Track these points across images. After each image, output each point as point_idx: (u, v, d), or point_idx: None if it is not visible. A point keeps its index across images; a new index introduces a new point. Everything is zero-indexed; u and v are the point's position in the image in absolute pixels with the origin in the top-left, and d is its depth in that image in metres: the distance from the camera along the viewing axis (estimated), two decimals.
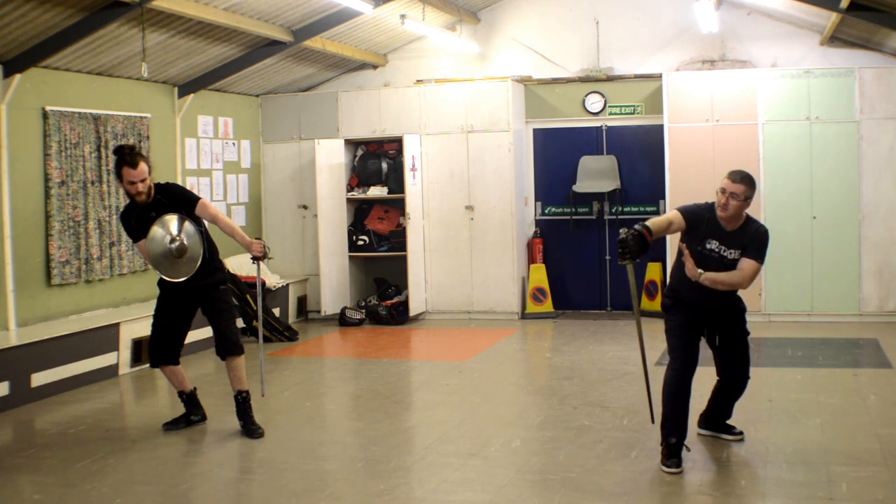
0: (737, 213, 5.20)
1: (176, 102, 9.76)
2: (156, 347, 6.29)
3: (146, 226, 6.00)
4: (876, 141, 9.65)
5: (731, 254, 5.21)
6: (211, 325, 6.27)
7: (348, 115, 11.03)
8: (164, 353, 6.27)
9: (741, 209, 5.20)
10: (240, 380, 6.19)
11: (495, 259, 10.60)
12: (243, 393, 6.19)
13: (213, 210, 6.11)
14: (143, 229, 6.03)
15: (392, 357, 8.82)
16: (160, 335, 6.27)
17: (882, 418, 6.10)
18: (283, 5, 8.79)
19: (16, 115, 7.76)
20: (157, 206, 6.01)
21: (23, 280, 7.82)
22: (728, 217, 5.21)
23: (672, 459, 5.11)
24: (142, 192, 5.92)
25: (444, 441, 5.88)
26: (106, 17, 7.34)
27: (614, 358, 8.30)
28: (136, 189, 5.91)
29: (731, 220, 5.22)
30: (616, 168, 10.78)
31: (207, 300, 6.20)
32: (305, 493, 4.99)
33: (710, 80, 10.05)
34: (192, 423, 6.37)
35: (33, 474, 5.48)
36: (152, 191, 6.01)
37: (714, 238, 5.24)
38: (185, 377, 6.41)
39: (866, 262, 9.71)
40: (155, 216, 5.98)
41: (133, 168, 5.86)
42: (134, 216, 6.09)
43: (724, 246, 5.22)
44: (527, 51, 11.18)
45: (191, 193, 6.16)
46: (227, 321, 6.23)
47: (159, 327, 6.28)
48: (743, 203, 5.18)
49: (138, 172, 5.87)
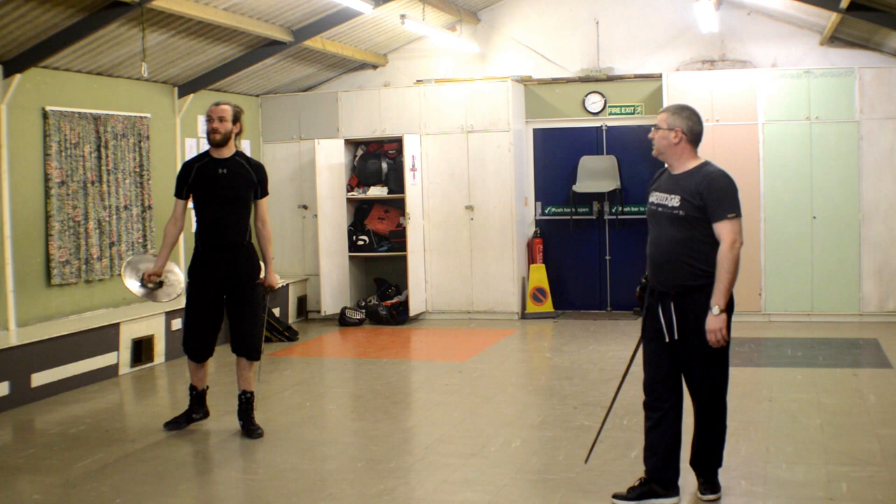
0: (668, 149, 4.53)
1: (176, 102, 9.76)
2: (193, 342, 6.10)
3: (207, 181, 5.94)
4: (876, 141, 9.65)
5: (670, 199, 4.50)
6: (231, 320, 6.07)
7: (348, 115, 11.03)
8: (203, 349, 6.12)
9: (670, 143, 4.51)
10: (247, 381, 6.15)
11: (495, 259, 10.60)
12: (248, 394, 6.16)
13: (267, 213, 6.15)
14: (200, 184, 5.95)
15: (392, 357, 8.82)
16: (197, 329, 6.09)
17: (882, 418, 6.10)
18: (283, 5, 8.79)
19: (16, 115, 7.76)
20: (232, 165, 5.97)
21: (23, 280, 7.82)
22: (658, 154, 4.57)
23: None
24: (217, 131, 5.91)
25: (444, 441, 5.88)
26: (106, 17, 7.34)
27: (614, 358, 8.30)
28: (212, 126, 5.93)
29: (669, 159, 4.56)
30: (616, 168, 10.79)
31: (238, 291, 6.03)
32: (305, 493, 4.99)
33: (710, 80, 10.05)
34: (192, 420, 6.30)
35: (33, 474, 5.48)
36: (232, 146, 6.00)
37: (657, 190, 4.61)
38: (206, 374, 6.32)
39: (866, 262, 9.71)
40: (224, 173, 5.92)
41: (216, 105, 5.97)
42: (198, 166, 6.02)
43: (665, 193, 4.54)
44: (527, 51, 11.18)
45: (267, 185, 6.16)
46: (253, 321, 6.08)
47: (194, 321, 6.10)
48: (665, 133, 4.51)
49: (218, 109, 5.95)
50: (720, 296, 4.38)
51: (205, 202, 6.02)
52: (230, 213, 5.98)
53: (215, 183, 5.96)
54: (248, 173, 6.01)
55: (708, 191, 4.42)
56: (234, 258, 6.00)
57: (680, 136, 4.52)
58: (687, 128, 4.53)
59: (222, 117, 5.93)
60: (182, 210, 6.12)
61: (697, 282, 4.47)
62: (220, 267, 5.99)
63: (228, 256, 6.00)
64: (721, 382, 4.61)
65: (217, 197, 5.97)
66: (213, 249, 6.01)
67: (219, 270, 6.00)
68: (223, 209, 5.97)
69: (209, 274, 6.01)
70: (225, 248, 6.00)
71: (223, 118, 5.94)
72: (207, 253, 6.02)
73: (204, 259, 6.04)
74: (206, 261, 6.03)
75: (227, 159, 5.99)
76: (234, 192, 5.99)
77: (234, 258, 6.00)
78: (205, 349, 6.15)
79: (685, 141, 4.53)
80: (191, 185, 6.03)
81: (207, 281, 6.02)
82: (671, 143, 4.53)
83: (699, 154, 4.62)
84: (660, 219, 4.55)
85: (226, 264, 5.99)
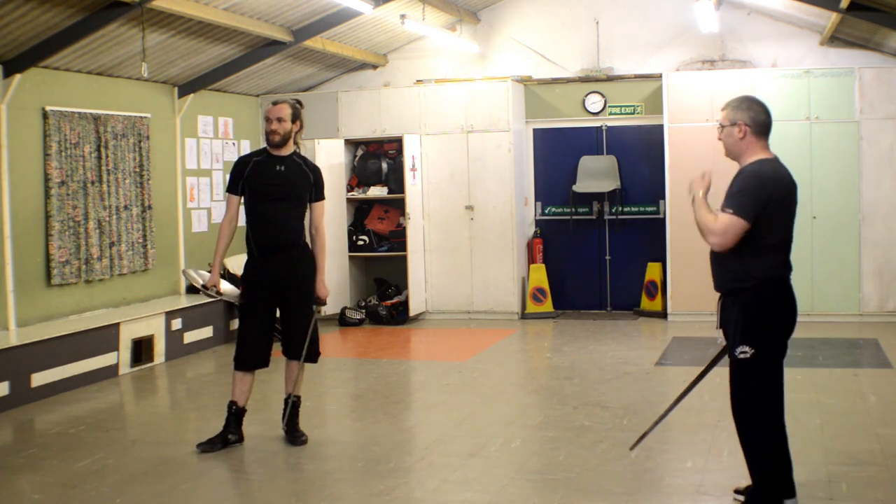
0: (735, 146, 4.29)
1: (176, 102, 9.76)
2: (249, 349, 5.77)
3: (264, 176, 5.71)
4: (876, 141, 9.65)
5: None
6: (285, 323, 5.80)
7: (348, 115, 11.03)
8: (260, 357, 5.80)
9: (735, 140, 4.27)
10: (296, 383, 5.86)
11: (495, 259, 10.60)
12: (295, 398, 5.88)
13: (323, 219, 5.89)
14: (256, 179, 5.71)
15: (392, 357, 8.82)
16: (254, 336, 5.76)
17: (882, 418, 6.10)
18: (283, 5, 8.79)
19: (16, 115, 7.76)
20: (290, 164, 5.75)
21: (23, 280, 7.82)
22: (728, 154, 4.36)
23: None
24: (275, 132, 5.69)
25: (444, 441, 5.88)
26: (106, 17, 7.34)
27: (614, 358, 8.29)
28: (270, 127, 5.71)
29: (735, 157, 4.33)
30: (616, 168, 10.78)
31: (295, 294, 5.76)
32: (305, 493, 4.99)
33: (710, 80, 10.05)
34: (228, 443, 5.79)
35: (33, 474, 5.48)
36: (291, 145, 5.79)
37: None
38: (251, 389, 5.89)
39: (866, 262, 9.71)
40: (282, 170, 5.70)
41: (274, 105, 5.79)
42: (254, 162, 5.78)
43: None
44: (527, 51, 11.18)
45: (324, 189, 5.93)
46: (308, 325, 5.79)
47: (251, 328, 5.77)
48: (732, 130, 4.26)
49: (276, 109, 5.73)
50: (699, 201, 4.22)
51: (261, 199, 5.72)
52: (287, 212, 5.71)
53: (273, 179, 5.72)
54: (306, 174, 5.80)
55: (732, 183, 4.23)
56: (290, 260, 5.71)
57: (744, 130, 4.25)
58: (750, 119, 4.25)
59: (281, 117, 5.71)
60: (237, 207, 5.82)
61: (731, 285, 4.26)
62: (278, 270, 5.69)
63: (285, 258, 5.70)
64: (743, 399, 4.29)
65: (274, 194, 5.70)
66: (269, 252, 5.70)
67: (276, 274, 5.69)
68: (280, 207, 5.70)
69: (267, 278, 5.71)
70: (281, 249, 5.70)
71: (282, 118, 5.71)
72: (263, 256, 5.71)
73: (260, 263, 5.73)
74: (263, 264, 5.72)
75: (285, 157, 5.78)
76: (292, 190, 5.73)
77: (290, 260, 5.71)
78: (261, 357, 5.81)
79: (750, 134, 4.25)
80: (246, 179, 5.76)
81: (265, 286, 5.72)
82: (737, 140, 4.26)
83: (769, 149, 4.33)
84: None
85: (283, 267, 5.70)
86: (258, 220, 5.74)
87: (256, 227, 5.74)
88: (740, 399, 4.32)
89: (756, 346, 4.19)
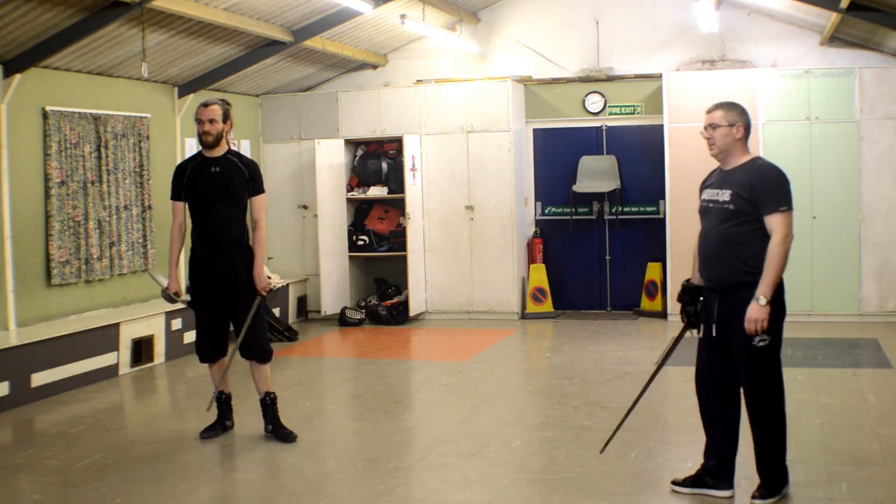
0: (727, 146, 4.56)
1: (176, 102, 9.76)
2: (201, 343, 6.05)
3: (201, 180, 5.89)
4: (876, 141, 9.64)
5: (721, 194, 4.53)
6: (237, 325, 5.97)
7: (348, 115, 11.03)
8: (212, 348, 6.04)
9: (729, 139, 4.55)
10: (266, 380, 6.02)
11: (495, 259, 10.60)
12: (271, 395, 6.03)
13: (262, 213, 6.02)
14: (194, 184, 5.90)
15: (392, 357, 8.82)
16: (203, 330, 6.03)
17: (882, 418, 6.10)
18: (283, 5, 8.79)
19: (16, 115, 7.76)
20: (225, 163, 5.92)
21: (23, 280, 7.82)
22: (719, 153, 4.59)
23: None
24: (208, 133, 5.87)
25: (444, 441, 5.88)
26: (106, 17, 7.33)
27: (614, 358, 8.30)
28: (203, 128, 5.89)
29: (724, 155, 4.59)
30: (616, 168, 10.78)
31: (240, 295, 5.92)
32: (305, 493, 4.99)
33: (710, 80, 10.04)
34: (226, 428, 6.13)
35: (33, 474, 5.48)
36: (224, 144, 5.96)
37: (709, 187, 4.65)
38: (227, 378, 6.16)
39: (866, 262, 9.71)
40: (217, 171, 5.88)
41: (205, 107, 5.93)
42: (192, 166, 5.98)
43: (716, 189, 4.58)
44: (527, 51, 11.18)
45: (262, 183, 6.07)
46: (258, 323, 5.97)
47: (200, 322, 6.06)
48: (728, 130, 4.53)
49: (208, 111, 5.90)
50: (767, 287, 4.35)
51: (200, 202, 5.94)
52: (226, 211, 5.90)
53: (209, 181, 5.90)
54: (240, 171, 5.96)
55: (760, 183, 4.43)
56: (233, 260, 5.92)
57: (742, 132, 4.57)
58: (745, 122, 4.59)
59: (213, 119, 5.89)
60: (183, 212, 6.05)
61: (743, 278, 4.44)
62: (221, 268, 5.90)
63: (228, 258, 5.91)
64: (766, 384, 4.51)
65: (212, 195, 5.90)
66: (212, 250, 5.93)
67: (219, 272, 5.90)
68: (219, 207, 5.89)
69: (210, 275, 5.93)
70: (224, 248, 5.91)
71: (214, 119, 5.90)
72: (207, 254, 5.94)
73: (203, 261, 5.96)
74: (206, 262, 5.95)
75: (219, 158, 5.96)
76: (229, 190, 5.91)
77: (233, 260, 5.92)
78: (214, 348, 6.04)
79: (744, 135, 4.60)
80: (186, 185, 5.98)
81: (209, 282, 5.94)
82: (735, 139, 4.57)
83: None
84: (710, 214, 4.57)
85: (226, 266, 5.91)
86: (201, 222, 5.98)
87: (200, 229, 5.99)
88: (762, 385, 4.52)
89: (771, 332, 4.46)
